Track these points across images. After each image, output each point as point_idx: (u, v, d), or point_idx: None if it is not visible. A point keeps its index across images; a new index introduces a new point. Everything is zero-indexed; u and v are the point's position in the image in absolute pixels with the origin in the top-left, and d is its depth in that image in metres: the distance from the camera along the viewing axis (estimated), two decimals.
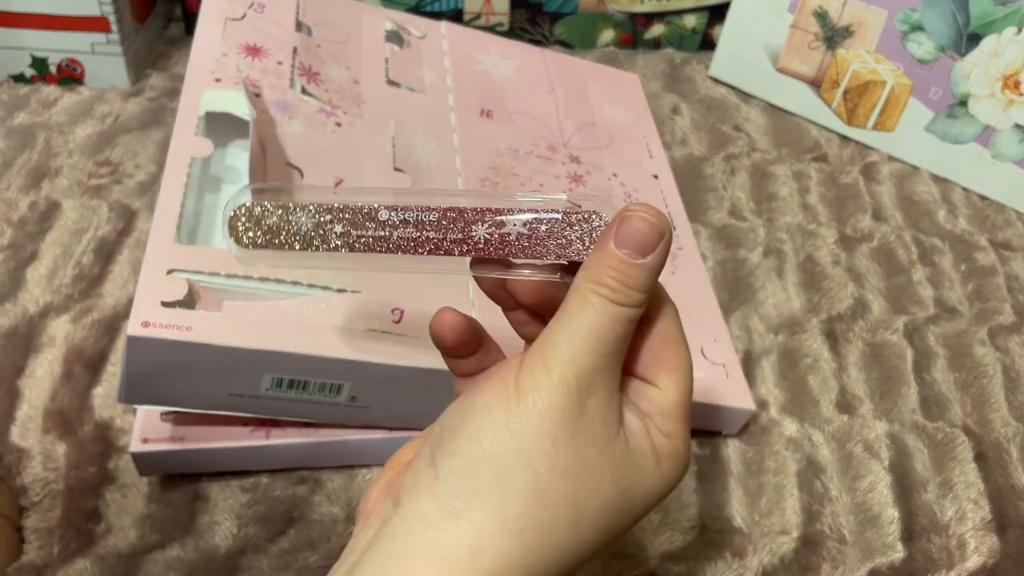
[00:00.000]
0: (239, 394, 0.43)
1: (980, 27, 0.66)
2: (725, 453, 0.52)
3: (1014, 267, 0.65)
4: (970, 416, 0.55)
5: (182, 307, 0.41)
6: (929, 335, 0.60)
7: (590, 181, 0.59)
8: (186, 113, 0.49)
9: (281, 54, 0.56)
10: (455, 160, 0.56)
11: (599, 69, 0.72)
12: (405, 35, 0.64)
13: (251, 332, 0.41)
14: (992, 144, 0.69)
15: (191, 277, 0.42)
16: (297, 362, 0.42)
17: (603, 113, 0.67)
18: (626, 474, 0.28)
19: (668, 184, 0.63)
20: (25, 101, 0.69)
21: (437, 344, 0.32)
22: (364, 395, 0.45)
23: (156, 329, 0.39)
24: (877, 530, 0.49)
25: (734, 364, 0.53)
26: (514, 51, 0.69)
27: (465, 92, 0.62)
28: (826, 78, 0.74)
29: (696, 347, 0.52)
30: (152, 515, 0.46)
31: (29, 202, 0.61)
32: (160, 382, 0.42)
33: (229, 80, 0.52)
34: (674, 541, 0.48)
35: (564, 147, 0.62)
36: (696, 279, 0.57)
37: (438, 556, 0.26)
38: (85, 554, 0.45)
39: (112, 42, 0.68)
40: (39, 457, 0.48)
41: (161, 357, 0.40)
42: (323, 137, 0.53)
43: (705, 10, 0.80)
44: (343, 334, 0.43)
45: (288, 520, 0.47)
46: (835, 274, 0.63)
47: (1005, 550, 0.49)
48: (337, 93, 0.56)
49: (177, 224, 0.44)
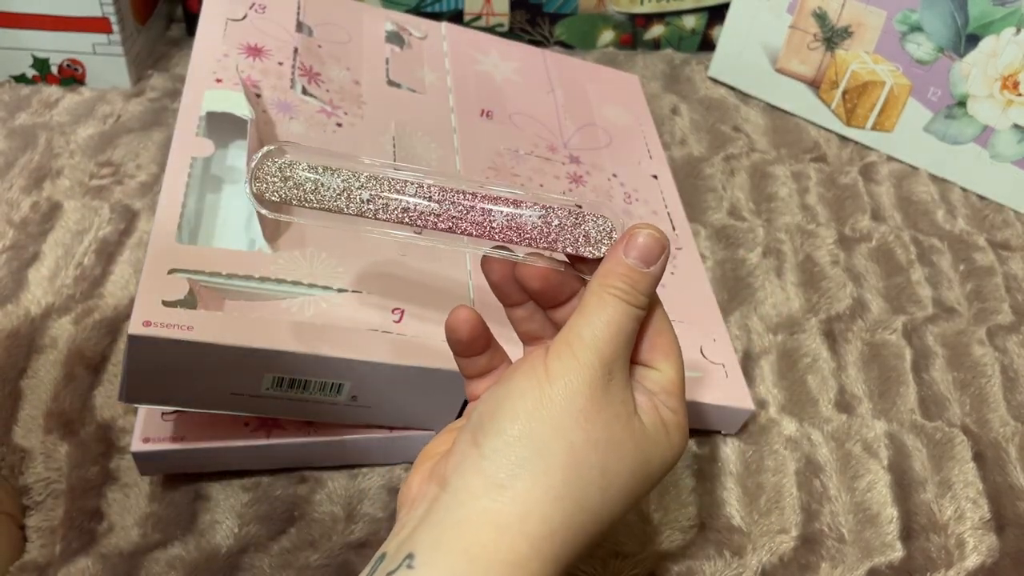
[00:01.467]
0: (240, 393, 0.43)
1: (979, 28, 0.66)
2: (724, 452, 0.52)
3: (1012, 267, 0.65)
4: (968, 416, 0.56)
5: (183, 307, 0.41)
6: (928, 335, 0.60)
7: (590, 181, 0.59)
8: (187, 113, 0.49)
9: (282, 55, 0.57)
10: (455, 160, 0.56)
11: (599, 70, 0.72)
12: (406, 36, 0.64)
13: (252, 332, 0.41)
14: (991, 144, 0.69)
15: (192, 277, 0.42)
16: (298, 362, 0.42)
17: (603, 114, 0.67)
18: (645, 446, 0.32)
19: (667, 184, 0.63)
20: (26, 102, 0.69)
21: (451, 340, 0.36)
22: (364, 395, 0.45)
23: (157, 328, 0.39)
24: (876, 529, 0.49)
25: (733, 364, 0.53)
26: (514, 52, 0.69)
27: (465, 93, 0.62)
28: (825, 78, 0.74)
29: (695, 347, 0.52)
30: (154, 514, 0.47)
31: (31, 203, 0.61)
32: (161, 381, 0.42)
33: (230, 80, 0.52)
34: (674, 540, 0.48)
35: (564, 147, 0.62)
36: (695, 279, 0.57)
37: (489, 522, 0.29)
38: (87, 553, 0.45)
39: (113, 43, 0.68)
40: (41, 457, 0.48)
41: (162, 356, 0.40)
42: (324, 137, 0.53)
43: (704, 11, 0.80)
44: (344, 334, 0.43)
45: (289, 519, 0.47)
46: (834, 274, 0.63)
47: (1004, 549, 0.49)
48: (338, 93, 0.56)
49: (178, 224, 0.44)
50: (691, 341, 0.52)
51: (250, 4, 0.59)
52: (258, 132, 0.50)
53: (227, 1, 0.59)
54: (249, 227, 0.51)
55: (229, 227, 0.51)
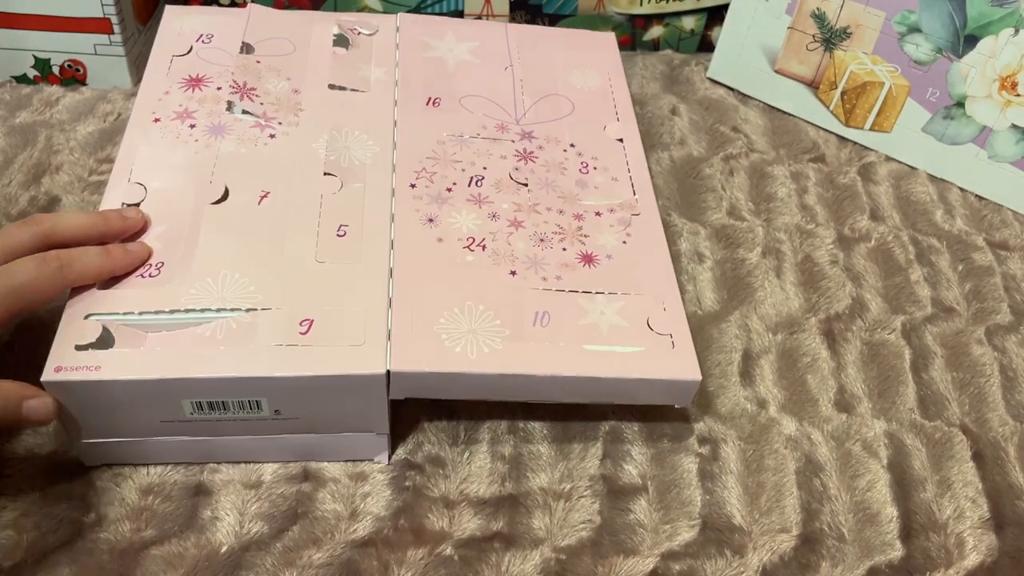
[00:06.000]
0: (169, 420, 0.45)
1: (977, 28, 0.66)
2: (725, 451, 0.52)
3: (1011, 267, 0.66)
4: (968, 415, 0.56)
5: (96, 348, 0.43)
6: (927, 334, 0.60)
7: (541, 156, 0.58)
8: (119, 170, 0.52)
9: (221, 79, 0.58)
10: (392, 155, 0.56)
11: (570, 35, 0.70)
12: (352, 35, 0.63)
13: (156, 363, 0.43)
14: (989, 145, 0.69)
15: (107, 319, 0.44)
16: (206, 385, 0.43)
17: (568, 81, 0.65)
18: None
19: (634, 147, 0.60)
20: (27, 101, 0.69)
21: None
22: (285, 407, 0.45)
23: (68, 372, 0.42)
24: (876, 528, 0.50)
25: (683, 332, 0.49)
26: (473, 31, 0.67)
27: (412, 84, 0.61)
28: (824, 79, 0.74)
29: (643, 318, 0.49)
30: (148, 508, 0.47)
31: (29, 197, 0.61)
32: (94, 418, 0.44)
33: (167, 118, 0.55)
34: (674, 539, 0.48)
35: (516, 124, 0.60)
36: (652, 244, 0.54)
37: None
38: (77, 547, 0.45)
39: (115, 43, 0.68)
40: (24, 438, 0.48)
41: (82, 396, 0.43)
42: (254, 152, 0.54)
43: (704, 12, 0.80)
44: (248, 352, 0.44)
45: (292, 517, 0.47)
46: (833, 274, 0.63)
47: (1003, 548, 0.50)
48: (273, 105, 0.57)
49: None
50: (638, 313, 0.49)
51: (197, 36, 0.61)
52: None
53: (174, 38, 0.61)
54: None
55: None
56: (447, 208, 0.53)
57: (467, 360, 0.45)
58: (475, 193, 0.55)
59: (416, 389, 0.46)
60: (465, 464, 0.50)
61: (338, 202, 0.52)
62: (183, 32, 0.62)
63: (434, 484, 0.49)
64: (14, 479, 0.47)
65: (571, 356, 0.47)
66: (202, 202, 0.51)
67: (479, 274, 0.50)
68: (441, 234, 0.52)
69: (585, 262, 0.52)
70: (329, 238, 0.50)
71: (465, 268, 0.50)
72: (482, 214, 0.53)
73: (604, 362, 0.47)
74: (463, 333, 0.47)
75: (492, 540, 0.47)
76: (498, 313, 0.48)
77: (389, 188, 0.54)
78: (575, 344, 0.47)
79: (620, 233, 0.54)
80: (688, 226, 0.65)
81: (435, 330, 0.46)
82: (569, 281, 0.50)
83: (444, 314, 0.47)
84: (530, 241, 0.52)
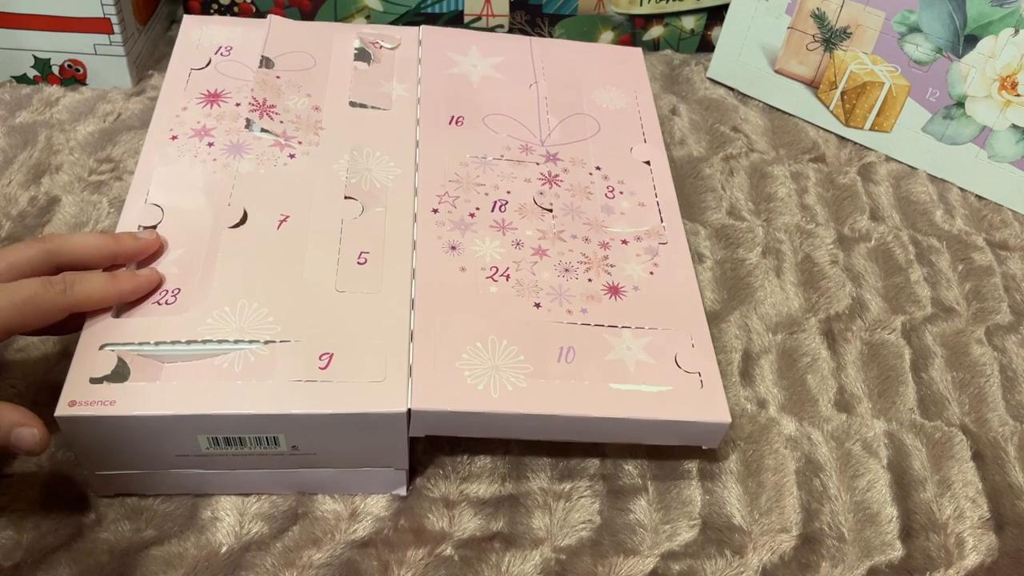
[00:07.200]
0: (184, 454, 0.44)
1: (977, 28, 0.66)
2: (725, 452, 0.52)
3: (1011, 267, 0.66)
4: (967, 415, 0.56)
5: (112, 380, 0.42)
6: (927, 334, 0.60)
7: (566, 180, 0.57)
8: (136, 189, 0.52)
9: (240, 95, 0.57)
10: (414, 177, 0.54)
11: (595, 50, 0.68)
12: (374, 50, 0.62)
13: (172, 398, 0.42)
14: (989, 145, 0.69)
15: (122, 349, 0.43)
16: (222, 421, 0.42)
17: (593, 99, 0.63)
18: None
19: (661, 170, 0.59)
20: (27, 100, 0.69)
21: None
22: (303, 443, 0.44)
23: (82, 407, 0.41)
24: (876, 528, 0.50)
25: (711, 370, 0.48)
26: (497, 45, 0.66)
27: (435, 101, 0.60)
28: (824, 79, 0.74)
29: (670, 356, 0.48)
30: (148, 508, 0.47)
31: (29, 197, 0.61)
32: (107, 452, 0.44)
33: (184, 135, 0.54)
34: (674, 539, 0.48)
35: (541, 144, 0.59)
36: (680, 277, 0.53)
37: None
38: (77, 547, 0.45)
39: (114, 43, 0.68)
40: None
41: (96, 431, 0.42)
42: (273, 173, 0.53)
43: (704, 12, 0.80)
44: (265, 388, 0.43)
45: (291, 517, 0.47)
46: (833, 274, 0.63)
47: (1003, 548, 0.50)
48: (293, 123, 0.56)
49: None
50: (666, 349, 0.48)
51: (216, 49, 0.60)
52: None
53: (193, 50, 0.60)
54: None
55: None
56: (470, 235, 0.52)
57: (490, 399, 0.44)
58: (499, 219, 0.53)
59: (437, 427, 0.45)
60: (465, 464, 0.50)
61: (359, 227, 0.50)
62: (202, 44, 0.60)
63: (434, 484, 0.49)
64: (14, 479, 0.47)
65: (596, 396, 0.45)
66: (220, 226, 0.49)
67: (503, 306, 0.48)
68: (464, 263, 0.50)
69: (611, 294, 0.50)
70: (349, 266, 0.48)
71: (488, 299, 0.48)
72: (506, 241, 0.52)
73: (630, 402, 0.45)
74: (486, 369, 0.45)
75: (492, 540, 0.47)
76: (522, 348, 0.46)
77: (411, 213, 0.52)
78: (601, 383, 0.46)
79: (647, 263, 0.52)
80: (688, 226, 0.65)
81: (457, 366, 0.45)
82: (595, 314, 0.49)
83: (467, 349, 0.46)
84: (555, 271, 0.51)
